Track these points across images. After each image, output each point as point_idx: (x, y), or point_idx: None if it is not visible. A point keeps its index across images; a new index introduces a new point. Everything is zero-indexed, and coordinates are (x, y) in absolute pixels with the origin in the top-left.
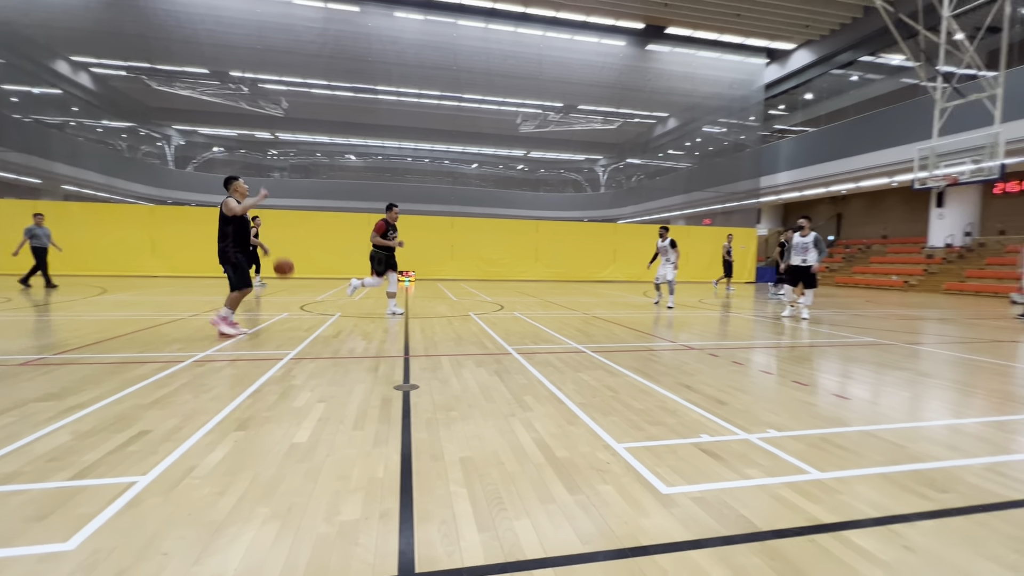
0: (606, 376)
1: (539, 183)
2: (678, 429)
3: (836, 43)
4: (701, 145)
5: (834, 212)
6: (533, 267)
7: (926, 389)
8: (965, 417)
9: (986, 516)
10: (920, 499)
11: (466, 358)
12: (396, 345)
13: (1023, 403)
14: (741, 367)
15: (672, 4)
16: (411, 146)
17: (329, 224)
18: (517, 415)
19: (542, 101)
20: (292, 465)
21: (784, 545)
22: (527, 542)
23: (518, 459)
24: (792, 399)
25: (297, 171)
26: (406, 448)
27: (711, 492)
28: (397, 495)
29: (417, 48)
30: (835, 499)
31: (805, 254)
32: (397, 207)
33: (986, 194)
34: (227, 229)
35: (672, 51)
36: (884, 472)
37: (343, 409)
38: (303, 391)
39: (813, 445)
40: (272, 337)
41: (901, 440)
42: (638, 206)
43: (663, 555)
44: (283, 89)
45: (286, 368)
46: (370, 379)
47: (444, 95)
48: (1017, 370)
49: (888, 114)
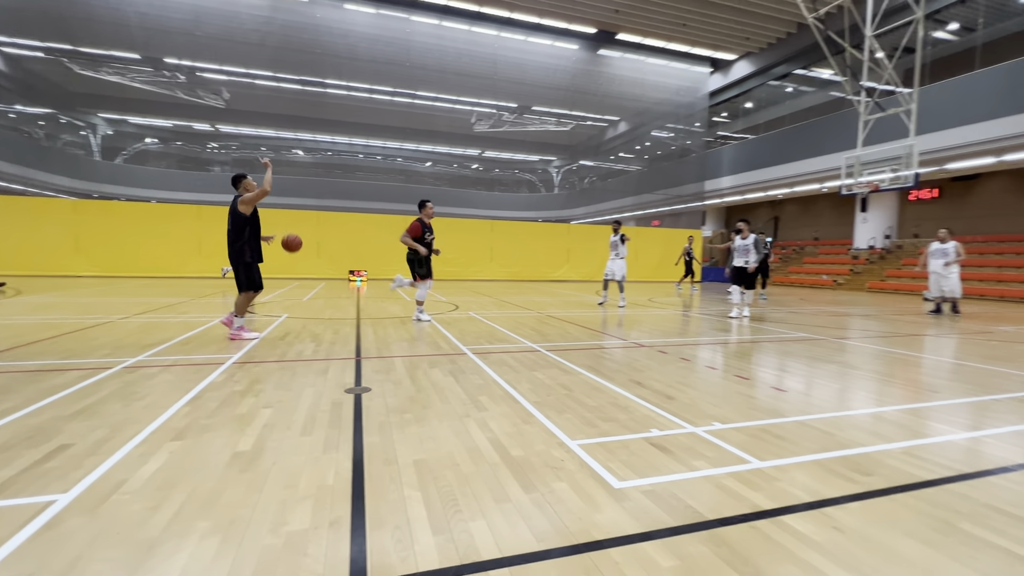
0: (560, 374)
1: (494, 183)
2: (629, 425)
3: (773, 56)
4: (650, 149)
5: (772, 215)
6: (488, 267)
7: (852, 380)
8: (885, 405)
9: (905, 496)
10: (848, 483)
11: (420, 359)
12: (347, 347)
13: (934, 391)
14: (688, 363)
15: (623, 11)
16: (362, 142)
17: (275, 221)
18: (472, 415)
19: (496, 101)
20: (234, 475)
21: (728, 532)
22: (482, 543)
23: (473, 460)
24: (734, 393)
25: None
26: (358, 453)
27: (661, 485)
28: (348, 502)
29: (369, 42)
30: (773, 486)
31: (746, 256)
32: (431, 203)
33: (903, 200)
34: (243, 228)
35: (623, 57)
36: (816, 459)
37: (290, 414)
38: (247, 397)
39: (753, 436)
40: (213, 340)
41: (831, 428)
42: (591, 207)
43: (616, 548)
44: (224, 79)
45: (228, 373)
46: (319, 382)
47: (397, 91)
48: (929, 361)
49: (819, 124)
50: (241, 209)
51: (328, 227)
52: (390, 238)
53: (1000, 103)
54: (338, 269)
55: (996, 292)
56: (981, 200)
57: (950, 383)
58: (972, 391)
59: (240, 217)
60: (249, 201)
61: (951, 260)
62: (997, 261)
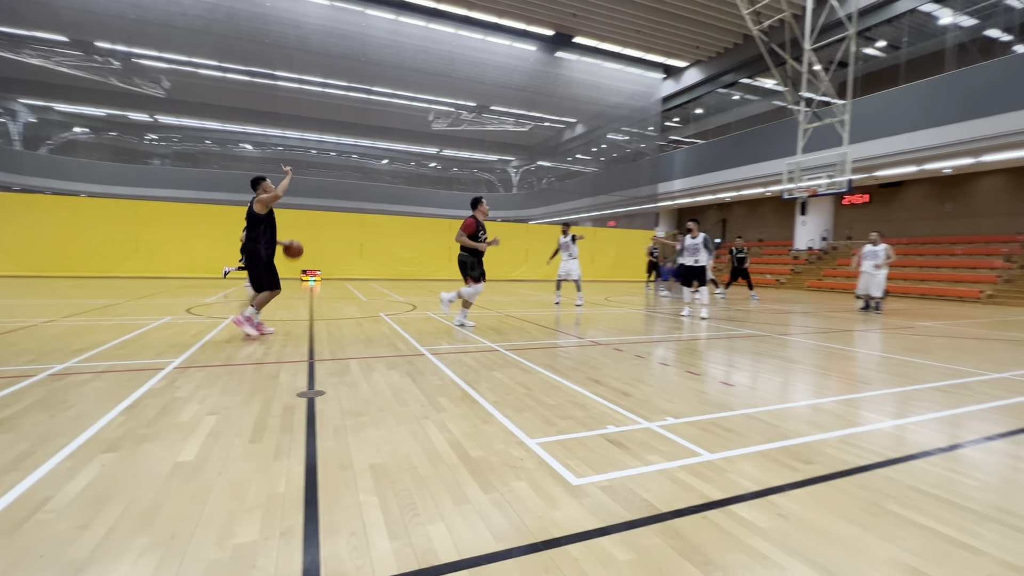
0: (519, 373)
1: (452, 182)
2: (587, 422)
3: (721, 65)
4: (606, 151)
5: (720, 217)
6: (447, 266)
7: (793, 374)
8: (823, 397)
9: (841, 481)
10: (790, 471)
11: (377, 360)
12: (299, 349)
13: (865, 383)
14: (643, 360)
15: (580, 15)
16: (315, 137)
17: (220, 218)
18: (431, 417)
19: (454, 99)
20: (176, 487)
21: (681, 524)
22: (441, 546)
23: (432, 462)
24: (686, 388)
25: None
26: (311, 459)
27: (617, 480)
28: (301, 510)
29: (322, 35)
30: (723, 477)
31: (696, 255)
32: (485, 201)
33: (837, 205)
34: (260, 228)
35: (580, 60)
36: (762, 450)
37: (238, 421)
38: (190, 403)
39: (704, 429)
40: (151, 344)
41: (775, 420)
42: (548, 207)
43: (574, 545)
44: (164, 67)
45: (168, 378)
46: (269, 387)
47: (352, 86)
48: (860, 355)
49: (763, 131)
50: (256, 209)
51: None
52: (347, 237)
53: (921, 117)
54: (290, 269)
55: (917, 290)
56: (905, 205)
57: (879, 375)
58: (898, 382)
59: (255, 216)
60: (264, 202)
61: (881, 262)
62: (918, 262)
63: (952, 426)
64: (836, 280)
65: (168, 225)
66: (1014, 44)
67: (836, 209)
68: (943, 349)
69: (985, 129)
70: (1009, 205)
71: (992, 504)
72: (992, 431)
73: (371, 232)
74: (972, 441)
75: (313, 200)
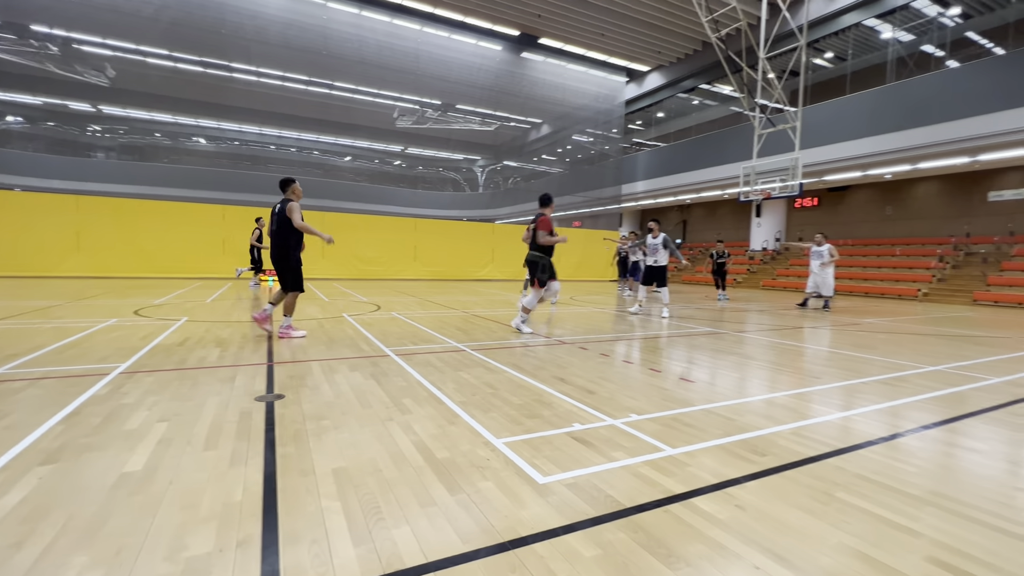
0: (486, 373)
1: (417, 180)
2: (553, 420)
3: (682, 70)
4: (571, 152)
5: (681, 219)
6: (412, 266)
7: (749, 370)
8: (777, 391)
9: (793, 472)
10: (747, 463)
11: (339, 362)
12: (258, 352)
13: (816, 377)
14: (607, 358)
15: (545, 16)
16: (275, 133)
17: (171, 215)
18: (396, 419)
19: (419, 97)
20: (122, 499)
21: (645, 518)
22: (407, 550)
23: (397, 465)
24: (648, 385)
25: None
26: (270, 465)
27: (583, 477)
28: (259, 519)
29: (281, 26)
30: (684, 471)
31: (656, 255)
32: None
33: (790, 208)
34: (294, 234)
35: (545, 61)
36: (720, 443)
37: (191, 428)
38: (138, 410)
39: (666, 425)
40: (94, 348)
41: (732, 414)
42: (514, 207)
43: (540, 543)
44: (108, 54)
45: (114, 384)
46: (225, 391)
47: (313, 80)
48: (811, 350)
49: (721, 136)
50: (294, 221)
51: (236, 223)
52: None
53: (864, 125)
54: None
55: (862, 289)
56: (850, 209)
57: (827, 369)
58: (845, 376)
59: (289, 224)
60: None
61: (826, 261)
62: (862, 262)
63: (893, 416)
64: (789, 280)
65: (113, 222)
66: (946, 60)
67: (789, 212)
68: (885, 344)
69: (921, 138)
70: (942, 209)
71: (928, 489)
72: (928, 420)
73: (333, 230)
74: (911, 430)
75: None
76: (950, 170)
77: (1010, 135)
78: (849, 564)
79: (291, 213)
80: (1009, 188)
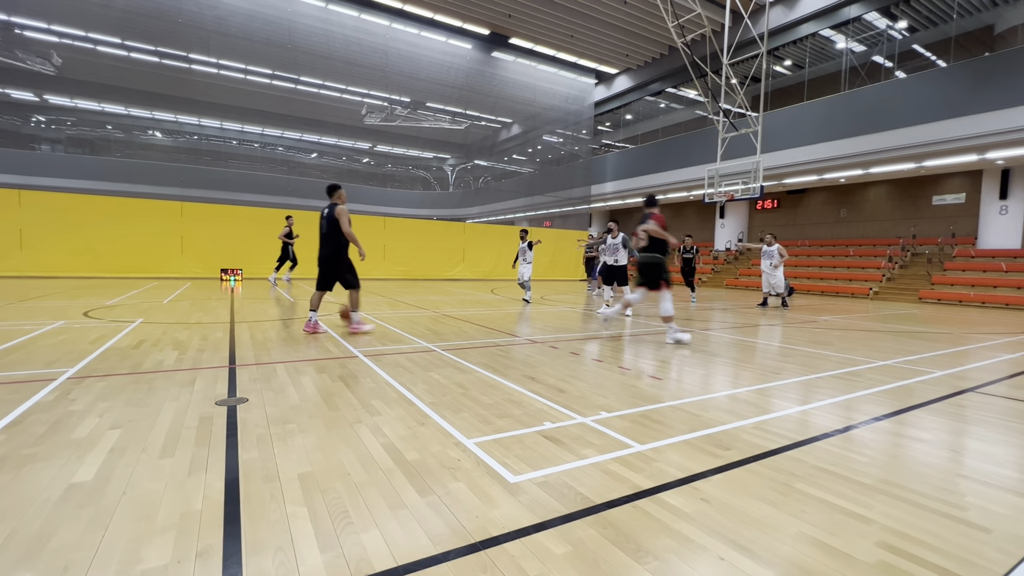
0: (456, 373)
1: (386, 178)
2: (524, 419)
3: (649, 73)
4: (542, 152)
5: None
6: (381, 265)
7: (714, 367)
8: (740, 387)
9: (755, 465)
10: (712, 458)
11: (306, 364)
12: (219, 354)
13: (776, 373)
14: (577, 357)
15: (515, 16)
16: (236, 127)
17: (125, 212)
18: (364, 421)
19: (388, 94)
20: (70, 512)
21: (614, 514)
22: (376, 554)
23: (365, 468)
24: (618, 383)
25: (77, 145)
26: (232, 472)
27: (554, 475)
28: (220, 528)
29: (243, 18)
30: (652, 467)
31: (616, 254)
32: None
33: (752, 209)
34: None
35: (516, 61)
36: (687, 439)
37: (146, 435)
38: (88, 417)
39: (635, 422)
40: (39, 352)
41: (697, 411)
42: (485, 207)
43: (512, 542)
44: (54, 41)
45: (61, 390)
46: (184, 396)
47: (277, 74)
48: (772, 347)
49: (687, 139)
50: (344, 227)
51: (194, 220)
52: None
53: (820, 131)
54: (207, 267)
55: (818, 288)
56: (808, 211)
57: (787, 365)
58: (803, 371)
59: (339, 228)
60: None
61: (776, 262)
62: (819, 262)
63: (847, 410)
64: (751, 279)
65: (60, 218)
66: (895, 70)
67: (751, 213)
68: (840, 341)
69: (871, 144)
70: (891, 212)
71: (879, 478)
72: (879, 412)
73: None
74: (863, 422)
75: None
76: (898, 175)
77: (951, 143)
78: (807, 552)
79: (340, 217)
80: (951, 193)
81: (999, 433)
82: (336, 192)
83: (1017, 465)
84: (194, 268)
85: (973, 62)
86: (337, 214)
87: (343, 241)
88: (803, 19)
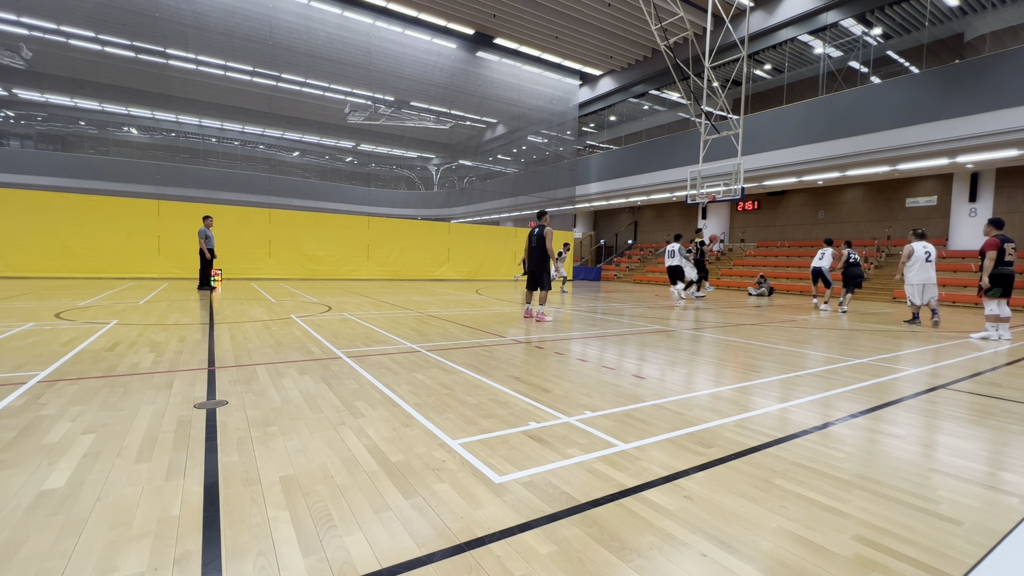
0: (441, 374)
1: (370, 178)
2: (509, 420)
3: (633, 75)
4: (527, 153)
5: (632, 220)
6: (364, 265)
7: (697, 365)
8: (722, 386)
9: (737, 462)
10: (694, 455)
11: (287, 366)
12: (197, 356)
13: (756, 371)
14: (562, 356)
15: (500, 16)
16: (216, 124)
17: (99, 210)
18: (348, 423)
19: (372, 92)
20: (40, 520)
21: (599, 513)
22: (359, 557)
23: (349, 470)
24: (602, 382)
25: (48, 140)
26: (211, 476)
27: (539, 475)
28: (200, 533)
29: (222, 13)
30: (636, 465)
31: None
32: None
33: (733, 211)
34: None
35: (500, 61)
36: (670, 437)
37: (121, 439)
38: (59, 421)
39: (619, 421)
40: (8, 355)
41: (680, 409)
42: (470, 207)
43: (497, 543)
44: (24, 33)
45: (32, 394)
46: (161, 399)
47: (257, 71)
48: (753, 346)
49: (670, 140)
50: (549, 246)
51: (172, 219)
52: (252, 233)
53: (799, 134)
54: (185, 268)
55: (797, 288)
56: (787, 212)
57: (767, 364)
58: (782, 370)
59: (543, 241)
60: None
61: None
62: (798, 262)
63: (825, 407)
64: (732, 279)
65: (30, 216)
66: (870, 75)
67: (732, 214)
68: (818, 339)
69: (847, 148)
70: (867, 214)
71: (856, 473)
72: (855, 409)
73: (280, 228)
74: (840, 419)
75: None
76: (874, 178)
77: (923, 147)
78: (787, 547)
79: (547, 237)
80: (923, 196)
81: (968, 428)
82: (544, 216)
83: (985, 459)
84: (172, 268)
85: (944, 69)
86: (546, 235)
87: (547, 254)
88: (782, 24)
